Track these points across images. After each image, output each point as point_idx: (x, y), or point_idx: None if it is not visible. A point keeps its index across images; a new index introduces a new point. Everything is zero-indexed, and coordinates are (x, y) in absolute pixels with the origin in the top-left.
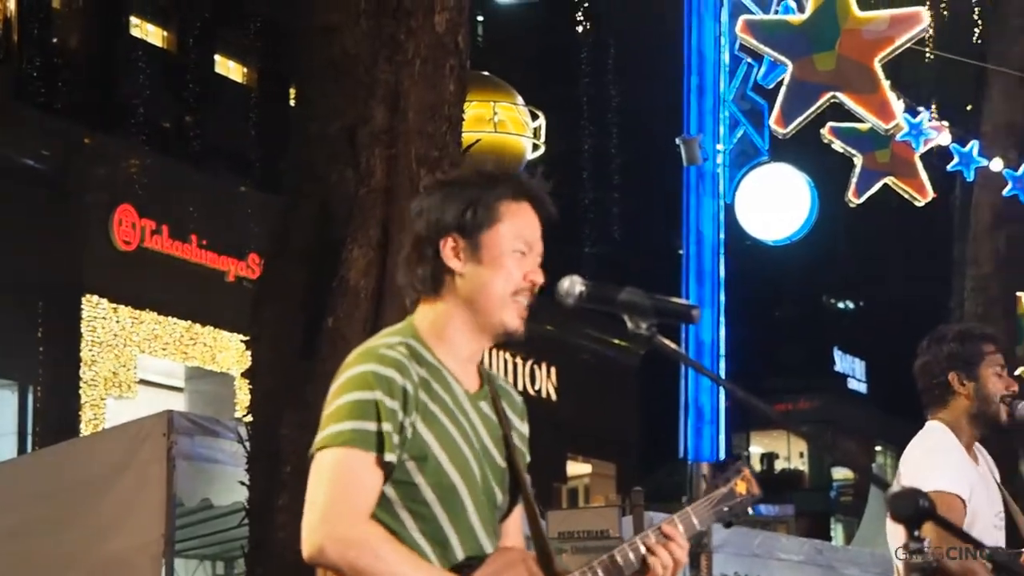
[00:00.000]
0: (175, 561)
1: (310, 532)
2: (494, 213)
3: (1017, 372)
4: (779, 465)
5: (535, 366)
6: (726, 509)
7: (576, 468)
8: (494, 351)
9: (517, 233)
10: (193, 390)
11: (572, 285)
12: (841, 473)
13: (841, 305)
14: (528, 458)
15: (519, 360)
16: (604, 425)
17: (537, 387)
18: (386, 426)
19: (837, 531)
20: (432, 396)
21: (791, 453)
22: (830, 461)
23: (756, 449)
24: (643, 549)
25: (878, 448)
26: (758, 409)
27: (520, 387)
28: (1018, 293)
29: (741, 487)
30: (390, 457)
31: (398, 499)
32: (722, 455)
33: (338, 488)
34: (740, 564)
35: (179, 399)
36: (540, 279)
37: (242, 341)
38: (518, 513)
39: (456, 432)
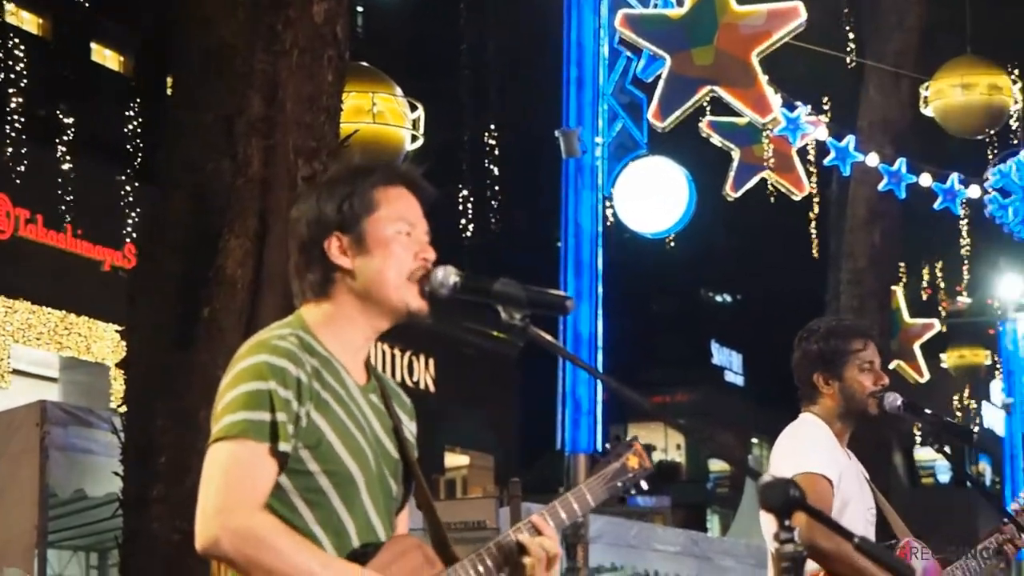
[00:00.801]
0: (48, 552)
1: (204, 524)
2: (370, 201)
3: (891, 366)
4: (656, 457)
5: (413, 358)
6: (619, 484)
7: (454, 460)
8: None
9: (398, 215)
10: (67, 380)
11: (446, 276)
12: (718, 465)
13: (719, 298)
14: (416, 454)
15: (397, 352)
16: (482, 417)
17: (415, 379)
18: (280, 416)
19: (713, 522)
20: (324, 386)
21: (668, 445)
22: (707, 453)
23: None
24: (515, 543)
25: (754, 440)
26: (633, 401)
27: (398, 379)
28: (892, 287)
29: (633, 461)
30: (285, 447)
31: (293, 489)
32: (599, 447)
33: (232, 479)
34: (616, 554)
35: (53, 389)
36: (432, 255)
37: (117, 331)
38: (407, 507)
39: (350, 421)
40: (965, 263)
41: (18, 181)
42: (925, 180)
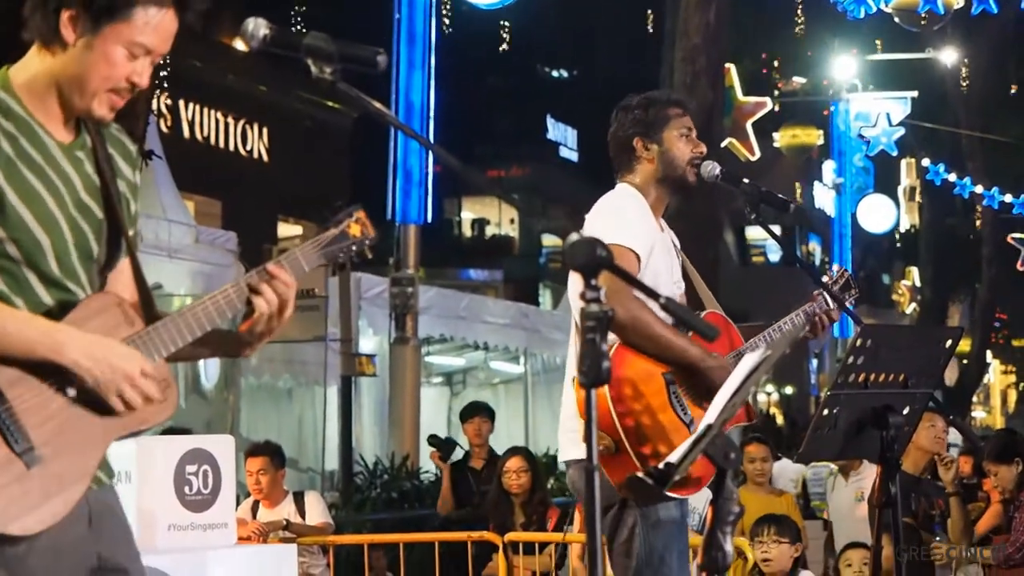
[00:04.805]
0: None
1: None
2: (127, 12)
3: (723, 143)
4: (490, 231)
5: (247, 126)
6: (337, 249)
7: (287, 230)
8: (204, 110)
9: (141, 39)
10: None
11: (256, 28)
12: (551, 240)
13: (555, 73)
14: (135, 207)
15: (231, 120)
16: (315, 187)
17: (249, 147)
18: None
19: (545, 297)
20: (17, 150)
21: (502, 219)
22: (540, 228)
23: (467, 215)
24: (247, 290)
25: (587, 216)
26: (461, 173)
27: (232, 147)
28: (727, 64)
29: (355, 229)
30: None
31: None
32: (430, 218)
33: None
34: (446, 325)
35: None
36: (144, 84)
37: None
38: (127, 265)
39: (42, 186)
40: (801, 42)
41: None
42: None
